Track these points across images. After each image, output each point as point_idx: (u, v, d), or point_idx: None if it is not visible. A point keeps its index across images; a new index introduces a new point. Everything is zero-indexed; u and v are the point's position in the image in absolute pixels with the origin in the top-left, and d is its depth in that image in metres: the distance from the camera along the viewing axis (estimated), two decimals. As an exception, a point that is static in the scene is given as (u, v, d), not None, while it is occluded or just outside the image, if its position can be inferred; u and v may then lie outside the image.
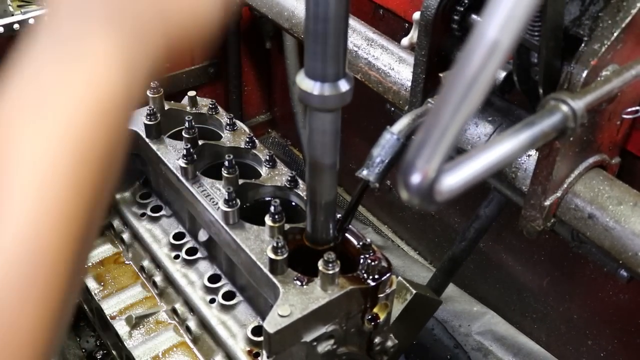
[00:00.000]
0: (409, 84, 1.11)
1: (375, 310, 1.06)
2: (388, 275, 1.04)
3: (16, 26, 1.58)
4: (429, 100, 1.07)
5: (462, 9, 0.99)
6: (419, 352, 1.71)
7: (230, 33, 2.16)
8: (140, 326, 1.28)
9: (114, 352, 1.41)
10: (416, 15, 1.04)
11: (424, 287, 1.24)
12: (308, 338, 0.99)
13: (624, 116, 0.95)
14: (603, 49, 0.83)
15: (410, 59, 1.15)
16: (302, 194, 1.20)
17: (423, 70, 1.04)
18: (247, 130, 1.35)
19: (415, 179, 0.56)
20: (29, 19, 1.60)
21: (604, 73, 0.84)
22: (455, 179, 0.59)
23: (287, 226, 1.10)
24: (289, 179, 1.22)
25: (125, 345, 1.25)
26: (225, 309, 1.20)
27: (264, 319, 1.00)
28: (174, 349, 1.24)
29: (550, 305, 1.62)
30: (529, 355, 1.67)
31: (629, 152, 1.08)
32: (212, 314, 1.20)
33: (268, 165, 1.25)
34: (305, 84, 0.78)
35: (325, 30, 0.72)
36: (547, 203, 0.95)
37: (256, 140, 1.31)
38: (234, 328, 1.17)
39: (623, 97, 0.91)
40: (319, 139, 0.87)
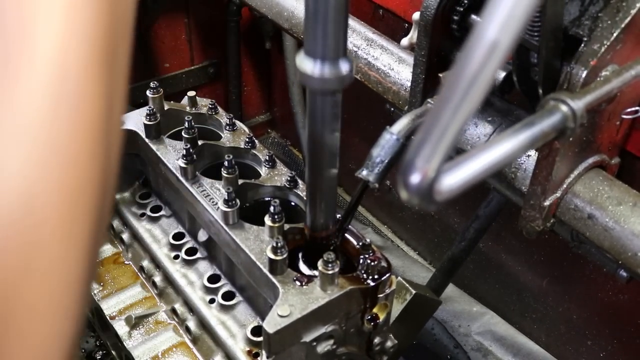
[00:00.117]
0: (409, 84, 1.11)
1: (374, 310, 1.06)
2: (388, 275, 1.04)
3: None
4: (429, 100, 1.07)
5: (462, 9, 0.99)
6: (419, 352, 1.71)
7: (230, 33, 2.16)
8: (140, 326, 1.28)
9: (113, 353, 1.41)
10: (416, 15, 1.04)
11: (423, 287, 1.24)
12: (308, 338, 0.99)
13: (624, 116, 0.95)
14: (603, 49, 0.83)
15: (410, 59, 1.15)
16: (302, 194, 1.20)
17: (423, 71, 1.04)
18: (247, 130, 1.35)
19: (415, 178, 0.56)
20: None
21: (603, 73, 0.84)
22: (454, 178, 0.59)
23: (287, 226, 1.10)
24: (289, 179, 1.22)
25: (125, 345, 1.25)
26: (224, 309, 1.20)
27: (263, 319, 1.00)
28: (174, 349, 1.24)
29: (549, 305, 1.63)
30: (529, 355, 1.67)
31: (628, 153, 1.08)
32: (212, 314, 1.20)
33: (268, 166, 1.25)
34: (305, 65, 0.76)
35: (326, 6, 0.71)
36: (547, 203, 0.95)
37: (256, 141, 1.31)
38: (233, 328, 1.17)
39: (622, 98, 0.91)
40: (318, 123, 0.86)
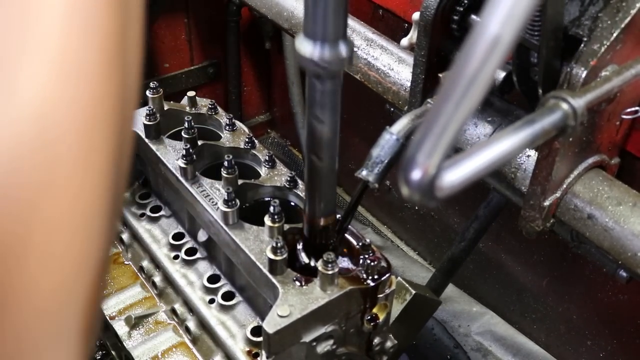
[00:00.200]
0: (409, 84, 1.11)
1: (374, 310, 1.06)
2: (387, 275, 1.04)
3: None
4: (429, 100, 1.07)
5: (462, 9, 0.99)
6: (418, 353, 1.71)
7: (230, 33, 2.16)
8: (140, 326, 1.28)
9: (113, 353, 1.41)
10: (415, 15, 1.04)
11: (423, 288, 1.24)
12: (307, 338, 0.99)
13: (623, 116, 0.95)
14: (602, 50, 0.83)
15: (410, 59, 1.15)
16: (302, 194, 1.20)
17: (422, 71, 1.04)
18: (247, 130, 1.35)
19: (416, 174, 0.56)
20: None
21: (603, 73, 0.84)
22: (456, 175, 0.59)
23: (287, 226, 1.10)
24: (289, 179, 1.22)
25: (125, 345, 1.25)
26: (224, 309, 1.20)
27: (263, 319, 1.00)
28: (174, 349, 1.24)
29: (549, 305, 1.63)
30: (528, 355, 1.67)
31: (628, 153, 1.08)
32: (212, 314, 1.20)
33: (267, 166, 1.25)
34: (304, 47, 0.74)
35: None
36: (547, 203, 0.95)
37: (255, 141, 1.31)
38: (233, 328, 1.17)
39: (622, 98, 0.91)
40: (318, 108, 0.84)
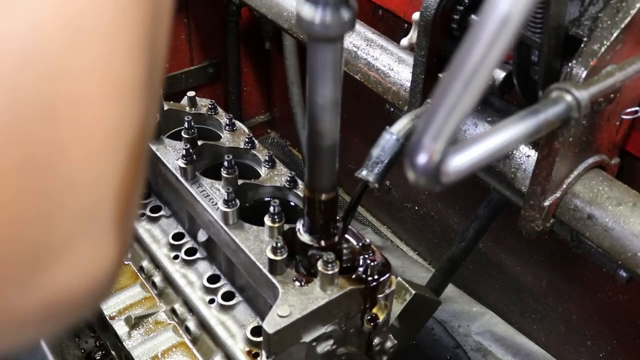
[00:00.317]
0: (409, 84, 1.11)
1: (374, 310, 1.06)
2: (387, 275, 1.04)
3: None
4: (428, 100, 1.07)
5: (462, 9, 0.99)
6: (419, 352, 1.71)
7: (229, 33, 2.16)
8: (140, 326, 1.28)
9: (113, 353, 1.41)
10: (415, 15, 1.04)
11: (423, 288, 1.24)
12: (307, 338, 0.99)
13: (623, 117, 0.95)
14: (602, 50, 0.83)
15: (410, 60, 1.15)
16: (302, 194, 1.20)
17: (422, 71, 1.04)
18: (247, 130, 1.35)
19: (422, 158, 0.56)
20: None
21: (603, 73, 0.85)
22: (461, 160, 0.59)
23: (287, 226, 1.10)
24: (288, 179, 1.22)
25: (125, 345, 1.25)
26: (224, 309, 1.20)
27: (263, 319, 1.00)
28: (173, 349, 1.24)
29: (549, 305, 1.63)
30: (528, 355, 1.67)
31: (628, 153, 1.08)
32: (212, 314, 1.20)
33: (267, 166, 1.25)
34: (305, 10, 0.73)
35: None
36: (547, 203, 0.95)
37: (255, 141, 1.31)
38: (233, 328, 1.17)
39: (622, 98, 0.91)
40: (319, 77, 0.82)
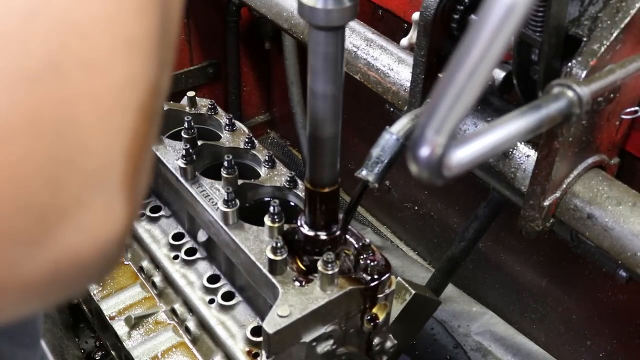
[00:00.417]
0: (408, 84, 1.11)
1: (374, 310, 1.06)
2: (387, 275, 1.04)
3: None
4: (429, 100, 1.07)
5: (462, 9, 0.99)
6: (418, 352, 1.72)
7: (229, 33, 2.16)
8: (140, 326, 1.28)
9: (113, 353, 1.41)
10: (415, 15, 1.04)
11: (423, 288, 1.24)
12: (307, 338, 0.99)
13: (623, 116, 0.95)
14: (602, 50, 0.83)
15: (410, 60, 1.15)
16: (301, 194, 1.20)
17: (422, 71, 1.04)
18: (247, 130, 1.35)
19: (425, 151, 0.56)
20: None
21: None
22: (463, 154, 0.59)
23: (287, 226, 1.10)
24: (288, 179, 1.22)
25: (125, 345, 1.25)
26: (224, 309, 1.20)
27: (263, 319, 1.00)
28: (173, 350, 1.24)
29: (549, 305, 1.63)
30: (528, 355, 1.67)
31: (627, 153, 1.08)
32: (212, 314, 1.20)
33: (267, 166, 1.25)
34: None
35: None
36: (546, 203, 0.95)
37: (255, 141, 1.31)
38: (233, 328, 1.17)
39: (622, 97, 0.91)
40: (320, 64, 0.82)
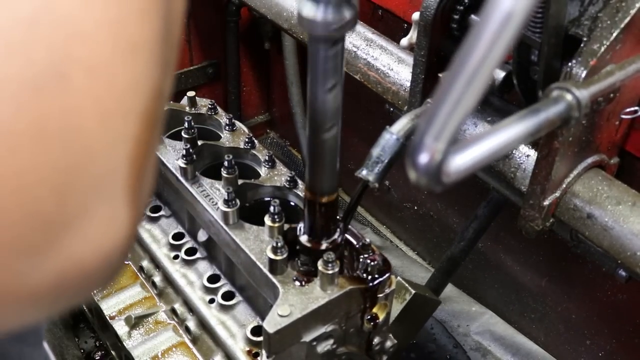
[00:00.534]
0: (408, 84, 1.11)
1: (374, 310, 1.06)
2: (387, 275, 1.04)
3: None
4: (428, 100, 1.07)
5: (462, 9, 0.99)
6: (418, 352, 1.72)
7: (229, 33, 2.16)
8: (140, 326, 1.28)
9: (113, 353, 1.41)
10: (415, 15, 1.04)
11: (423, 287, 1.25)
12: (307, 338, 1.00)
13: (623, 116, 0.95)
14: (602, 49, 0.83)
15: (410, 60, 1.15)
16: (301, 194, 1.20)
17: (422, 71, 1.04)
18: (247, 130, 1.35)
19: (424, 158, 0.56)
20: None
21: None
22: (462, 160, 0.59)
23: (287, 226, 1.10)
24: (288, 179, 1.22)
25: (125, 345, 1.25)
26: (224, 309, 1.20)
27: (263, 319, 1.01)
28: (174, 349, 1.24)
29: (548, 305, 1.63)
30: (528, 355, 1.67)
31: (627, 152, 1.09)
32: (212, 314, 1.20)
33: (267, 166, 1.25)
34: (307, 9, 0.73)
35: None
36: (546, 203, 0.95)
37: (255, 141, 1.31)
38: (233, 328, 1.17)
39: (622, 97, 0.91)
40: (319, 76, 0.82)
